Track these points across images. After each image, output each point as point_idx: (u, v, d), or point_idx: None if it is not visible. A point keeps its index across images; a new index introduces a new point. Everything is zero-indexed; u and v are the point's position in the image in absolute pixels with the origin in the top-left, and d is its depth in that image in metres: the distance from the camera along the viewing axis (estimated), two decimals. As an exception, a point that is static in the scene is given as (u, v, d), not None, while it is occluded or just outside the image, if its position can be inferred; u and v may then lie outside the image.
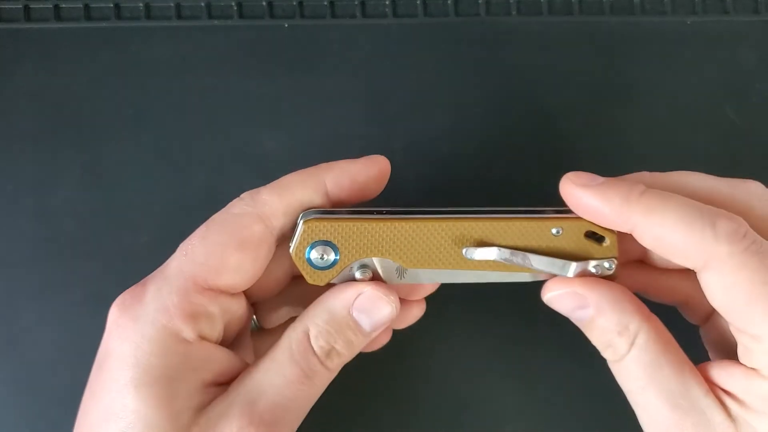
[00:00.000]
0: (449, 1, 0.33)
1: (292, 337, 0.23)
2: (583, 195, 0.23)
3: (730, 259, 0.21)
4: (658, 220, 0.22)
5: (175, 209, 0.31)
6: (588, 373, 0.28)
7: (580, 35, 0.33)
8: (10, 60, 0.32)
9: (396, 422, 0.31)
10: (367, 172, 0.24)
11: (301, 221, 0.24)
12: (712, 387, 0.22)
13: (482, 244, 0.24)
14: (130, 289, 0.23)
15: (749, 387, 0.22)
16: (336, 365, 0.24)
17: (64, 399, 0.30)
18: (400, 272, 0.24)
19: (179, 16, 0.32)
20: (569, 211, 0.24)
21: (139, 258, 0.31)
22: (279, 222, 0.23)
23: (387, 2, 0.33)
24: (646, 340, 0.22)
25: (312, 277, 0.24)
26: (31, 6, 0.32)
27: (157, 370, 0.21)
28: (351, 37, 0.33)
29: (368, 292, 0.23)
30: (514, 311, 0.32)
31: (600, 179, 0.23)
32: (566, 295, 0.24)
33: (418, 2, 0.33)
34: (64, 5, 0.32)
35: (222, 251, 0.22)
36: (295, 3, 0.33)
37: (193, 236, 0.23)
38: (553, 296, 0.24)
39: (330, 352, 0.23)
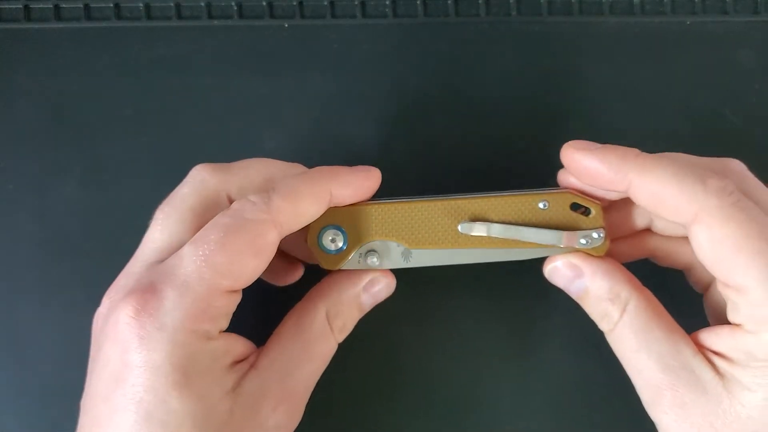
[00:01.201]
0: (449, 2, 0.33)
1: (315, 318, 0.26)
2: (584, 157, 0.24)
3: (718, 212, 0.22)
4: (653, 177, 0.23)
5: (176, 209, 0.32)
6: (590, 371, 0.28)
7: (579, 35, 0.33)
8: (10, 60, 0.32)
9: (396, 421, 0.31)
10: (369, 185, 0.26)
11: None
12: (702, 350, 0.24)
13: (477, 220, 0.26)
14: (132, 297, 0.23)
15: (735, 343, 0.23)
16: (343, 338, 0.27)
17: (64, 399, 0.30)
18: (405, 256, 0.26)
19: (179, 16, 0.32)
20: (555, 188, 0.26)
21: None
22: (289, 229, 0.24)
23: (387, 2, 0.33)
24: (636, 306, 0.24)
25: (326, 262, 0.26)
26: (31, 6, 0.32)
27: (191, 369, 0.22)
28: (351, 37, 0.33)
29: (376, 278, 0.27)
30: (515, 309, 0.32)
31: (598, 145, 0.25)
32: (564, 266, 0.26)
33: (418, 2, 0.33)
34: (64, 5, 0.32)
35: (242, 259, 0.23)
36: (295, 3, 0.33)
37: (206, 238, 0.23)
38: (552, 267, 0.26)
39: (342, 329, 0.26)
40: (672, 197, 0.23)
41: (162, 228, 0.25)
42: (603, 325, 0.25)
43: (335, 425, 0.31)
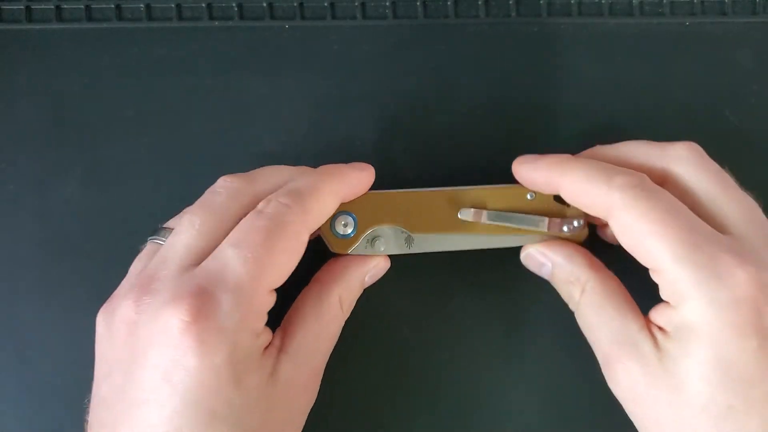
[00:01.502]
0: (449, 3, 0.33)
1: (331, 302, 0.27)
2: (520, 169, 0.28)
3: (621, 204, 0.25)
4: (569, 181, 0.27)
5: (176, 209, 0.31)
6: (591, 369, 0.28)
7: (578, 36, 0.33)
8: (11, 61, 0.32)
9: (398, 420, 0.31)
10: (368, 181, 0.28)
11: None
12: (650, 325, 0.26)
13: (473, 208, 0.29)
14: (184, 302, 0.23)
15: (668, 318, 0.25)
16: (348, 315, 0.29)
17: (64, 398, 0.30)
18: (408, 242, 0.29)
19: (180, 17, 0.33)
20: None
21: (140, 258, 0.31)
22: (315, 226, 0.26)
23: (387, 3, 0.33)
24: (593, 287, 0.27)
25: (336, 246, 0.29)
26: (32, 7, 0.32)
27: (245, 366, 0.24)
28: (351, 38, 0.33)
29: (382, 264, 0.29)
30: (515, 309, 0.32)
31: (539, 157, 0.28)
32: (534, 252, 0.29)
33: (418, 3, 0.33)
34: (65, 6, 0.32)
35: (284, 259, 0.25)
36: (295, 4, 0.33)
37: (250, 241, 0.24)
38: (526, 254, 0.29)
39: (349, 307, 0.29)
40: (586, 196, 0.26)
41: (199, 233, 0.25)
42: (570, 305, 0.28)
43: (336, 424, 0.31)
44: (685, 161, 0.27)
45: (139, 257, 0.27)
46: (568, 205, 0.29)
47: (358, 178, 0.28)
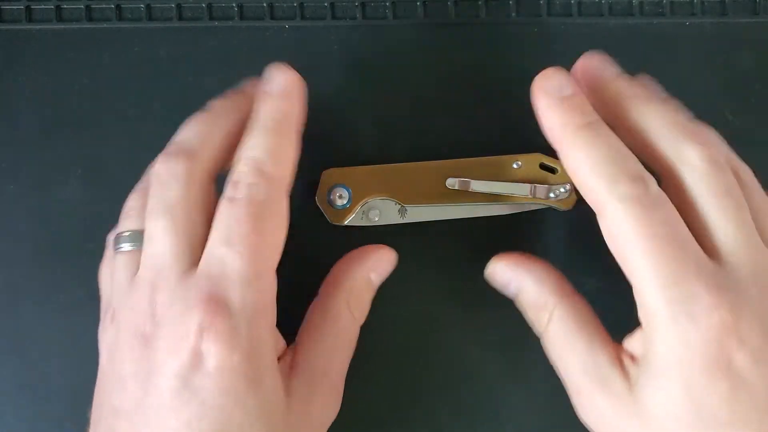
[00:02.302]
0: (449, 3, 0.33)
1: (339, 309, 0.27)
2: (539, 105, 0.26)
3: (617, 210, 0.23)
4: (574, 160, 0.25)
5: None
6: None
7: (578, 37, 0.33)
8: (11, 61, 0.32)
9: (395, 420, 0.31)
10: (300, 105, 0.27)
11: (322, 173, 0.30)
12: (622, 354, 0.25)
13: (462, 177, 0.30)
14: (196, 312, 0.23)
15: (641, 347, 0.24)
16: (364, 318, 0.28)
17: (64, 398, 0.30)
18: (401, 212, 0.30)
19: (180, 17, 0.33)
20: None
21: (140, 258, 0.31)
22: (289, 185, 0.26)
23: (387, 4, 0.33)
24: (560, 316, 0.26)
25: (333, 217, 0.30)
26: (32, 7, 0.32)
27: (261, 364, 0.24)
28: (351, 38, 0.33)
29: (386, 257, 0.28)
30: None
31: (567, 90, 0.26)
32: (500, 269, 0.28)
33: (418, 3, 0.33)
34: (65, 6, 0.32)
35: (275, 239, 0.25)
36: (295, 4, 0.33)
37: (237, 233, 0.24)
38: (491, 270, 0.28)
39: (362, 311, 0.28)
40: (585, 184, 0.25)
41: (181, 235, 0.25)
42: (535, 330, 0.27)
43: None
44: (696, 173, 0.24)
45: (117, 268, 0.26)
46: (554, 172, 0.30)
47: (297, 111, 0.27)
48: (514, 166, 0.30)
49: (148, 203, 0.26)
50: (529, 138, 0.32)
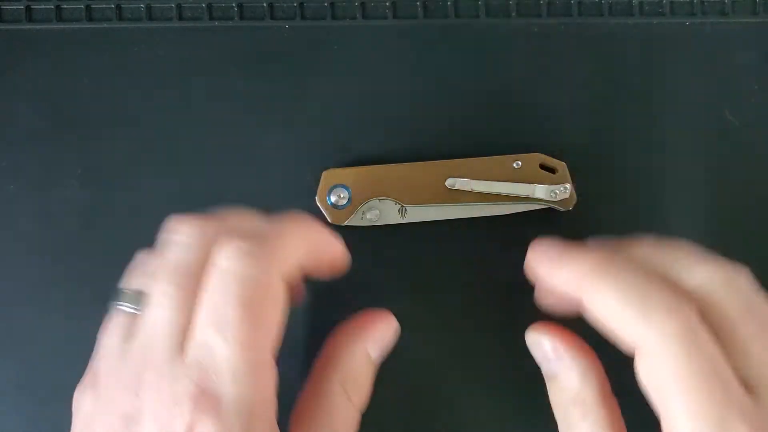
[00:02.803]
0: (449, 3, 0.33)
1: (332, 395, 0.24)
2: (540, 268, 0.25)
3: (656, 346, 0.21)
4: (601, 300, 0.23)
5: (176, 209, 0.31)
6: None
7: (579, 37, 0.33)
8: (11, 61, 0.32)
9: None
10: (340, 252, 0.27)
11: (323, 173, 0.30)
12: None
13: (462, 177, 0.30)
14: (186, 409, 0.21)
15: None
16: (364, 404, 0.26)
17: (64, 398, 0.30)
18: (401, 213, 0.30)
19: (180, 17, 0.33)
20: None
21: (140, 258, 0.31)
22: (290, 271, 0.24)
23: (387, 4, 0.33)
24: (595, 420, 0.24)
25: (333, 217, 0.30)
26: (32, 7, 0.32)
27: None
28: (351, 38, 0.33)
29: (384, 326, 0.26)
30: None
31: (560, 252, 0.24)
32: (543, 344, 0.26)
33: (419, 3, 0.33)
34: (65, 6, 0.32)
35: (270, 321, 0.23)
36: (295, 4, 0.33)
37: (226, 318, 0.22)
38: (534, 340, 0.26)
39: (361, 395, 0.25)
40: (615, 322, 0.22)
41: (177, 307, 0.22)
42: (556, 414, 0.25)
43: None
44: (717, 293, 0.23)
45: (112, 329, 0.24)
46: (553, 172, 0.30)
47: (328, 238, 0.25)
48: (514, 166, 0.30)
49: (157, 263, 0.24)
50: (529, 138, 0.32)
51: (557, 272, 0.24)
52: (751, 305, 0.22)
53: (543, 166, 0.31)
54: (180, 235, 0.24)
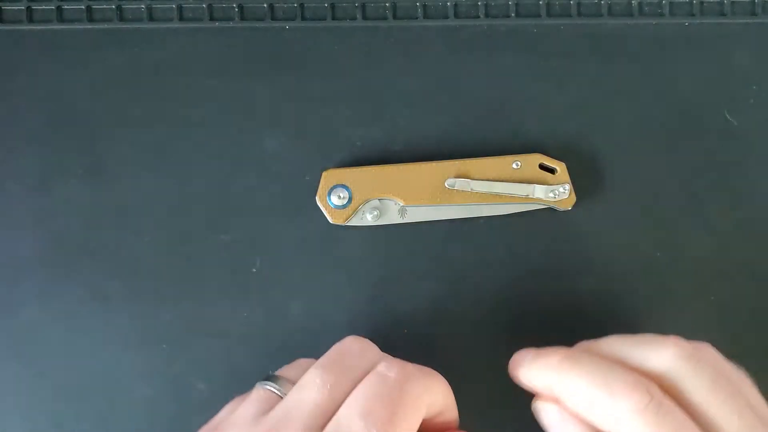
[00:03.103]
0: (449, 4, 0.33)
1: None
2: (518, 374, 0.26)
3: (626, 426, 0.23)
4: (573, 385, 0.24)
5: (177, 209, 0.32)
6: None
7: (578, 37, 0.33)
8: (12, 61, 0.32)
9: None
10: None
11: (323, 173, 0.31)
12: None
13: (462, 177, 0.30)
14: None
15: None
16: None
17: (65, 398, 0.30)
18: (402, 212, 0.30)
19: (181, 18, 0.33)
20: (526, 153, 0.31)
21: (141, 258, 0.31)
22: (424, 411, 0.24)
23: (387, 5, 0.33)
24: None
25: (333, 216, 0.30)
26: (33, 7, 0.32)
27: None
28: (351, 38, 0.33)
29: None
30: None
31: (534, 355, 0.26)
32: (550, 413, 0.26)
33: (418, 5, 0.33)
34: (66, 7, 0.32)
35: (408, 429, 0.23)
36: (296, 5, 0.33)
37: (376, 411, 0.23)
38: (541, 408, 0.26)
39: None
40: (590, 407, 0.24)
41: (330, 394, 0.24)
42: None
43: None
44: (682, 370, 0.24)
45: (248, 401, 0.25)
46: (553, 173, 0.31)
47: (454, 404, 0.26)
48: (514, 166, 0.31)
49: (321, 360, 0.25)
50: (529, 138, 0.32)
51: (531, 371, 0.26)
52: (717, 376, 0.24)
53: (542, 167, 0.31)
54: (350, 347, 0.25)
